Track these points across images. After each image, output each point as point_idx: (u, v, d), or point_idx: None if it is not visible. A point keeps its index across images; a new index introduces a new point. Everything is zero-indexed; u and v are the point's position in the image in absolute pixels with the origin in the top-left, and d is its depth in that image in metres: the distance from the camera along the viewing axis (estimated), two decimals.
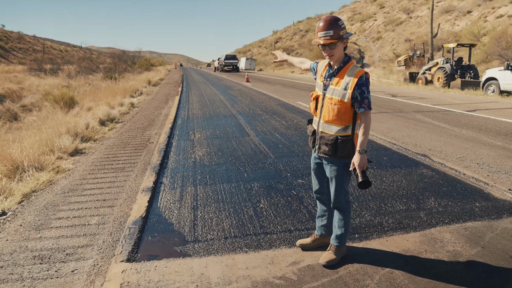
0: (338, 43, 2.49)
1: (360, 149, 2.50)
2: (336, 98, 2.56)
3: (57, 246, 3.13)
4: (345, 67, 2.58)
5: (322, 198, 2.96)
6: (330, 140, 2.61)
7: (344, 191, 2.73)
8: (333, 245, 2.85)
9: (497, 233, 3.36)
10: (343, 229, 2.80)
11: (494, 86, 15.91)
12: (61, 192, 4.40)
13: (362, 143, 2.51)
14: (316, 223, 3.08)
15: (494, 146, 6.51)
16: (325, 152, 2.66)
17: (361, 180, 2.47)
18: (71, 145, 6.31)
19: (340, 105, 2.54)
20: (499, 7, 38.82)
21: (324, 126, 2.67)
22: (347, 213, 2.80)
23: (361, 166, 2.51)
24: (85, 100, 12.44)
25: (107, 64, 35.03)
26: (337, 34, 2.46)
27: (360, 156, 2.51)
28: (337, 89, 2.56)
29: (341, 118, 2.57)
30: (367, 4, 78.87)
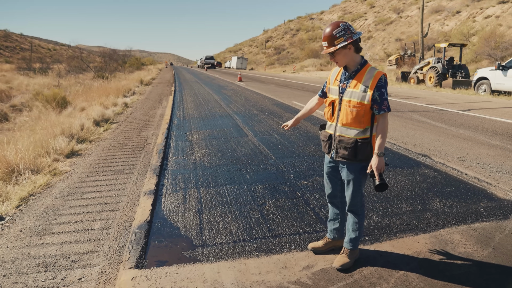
0: (339, 50, 2.49)
1: (379, 151, 2.48)
2: (355, 101, 2.53)
3: (61, 252, 3.03)
4: (363, 70, 2.57)
5: (335, 201, 2.92)
6: (349, 144, 2.57)
7: (360, 194, 2.71)
8: (347, 248, 2.82)
9: (506, 234, 3.35)
10: (357, 232, 2.77)
11: (486, 86, 16.08)
12: (60, 196, 4.29)
13: (381, 146, 2.49)
14: (328, 226, 3.03)
15: (492, 145, 6.54)
16: (344, 156, 2.61)
17: (379, 183, 2.45)
18: (67, 146, 6.18)
19: (360, 107, 2.52)
20: (486, 8, 39.34)
21: (342, 129, 2.63)
22: (361, 216, 2.77)
23: (379, 168, 2.48)
24: (77, 100, 12.24)
25: (97, 63, 34.61)
26: (332, 44, 2.48)
27: (378, 158, 2.48)
28: (355, 92, 2.53)
29: (360, 120, 2.54)
30: (357, 4, 79.31)
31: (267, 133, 7.73)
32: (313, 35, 71.19)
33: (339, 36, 2.46)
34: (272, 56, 76.03)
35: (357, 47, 2.54)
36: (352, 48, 2.52)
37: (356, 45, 2.53)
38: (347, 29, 2.47)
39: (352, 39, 2.46)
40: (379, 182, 2.45)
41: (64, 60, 41.35)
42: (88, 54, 58.04)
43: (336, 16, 78.96)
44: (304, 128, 8.18)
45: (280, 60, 68.93)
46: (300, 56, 62.17)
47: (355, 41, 2.50)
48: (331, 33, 2.46)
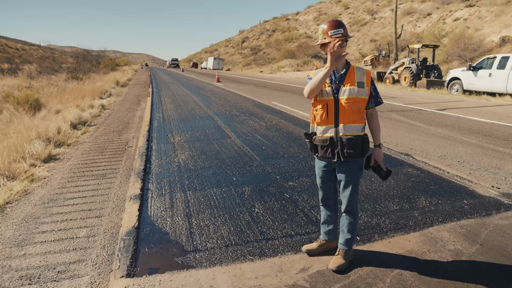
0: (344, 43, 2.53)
1: (379, 143, 2.73)
2: (355, 97, 2.58)
3: (45, 263, 2.89)
4: (351, 68, 2.64)
5: (329, 204, 2.91)
6: (358, 141, 2.61)
7: (357, 193, 2.75)
8: (342, 249, 2.82)
9: (491, 230, 3.44)
10: (352, 233, 2.79)
11: (458, 86, 16.59)
12: (40, 203, 4.11)
13: (380, 138, 2.75)
14: (322, 228, 3.02)
15: (469, 144, 6.74)
16: (352, 155, 2.60)
17: (387, 171, 2.70)
18: (44, 151, 5.95)
19: (361, 102, 2.60)
20: (455, 11, 40.69)
21: (348, 128, 2.60)
22: (357, 216, 2.81)
23: (382, 158, 2.73)
24: (52, 102, 11.83)
25: (70, 63, 33.64)
26: (346, 32, 2.55)
27: (380, 150, 2.73)
28: (353, 89, 2.58)
29: (361, 116, 2.64)
30: (332, 5, 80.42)
31: (249, 134, 7.69)
32: (289, 35, 71.69)
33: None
34: (248, 57, 76.05)
35: None
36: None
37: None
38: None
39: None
40: (387, 170, 2.70)
41: (35, 61, 40.01)
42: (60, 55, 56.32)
43: (312, 17, 79.84)
44: (286, 129, 8.19)
45: (256, 61, 69.04)
46: (277, 56, 62.46)
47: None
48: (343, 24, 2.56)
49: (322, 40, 2.57)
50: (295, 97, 15.19)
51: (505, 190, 4.48)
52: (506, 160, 5.69)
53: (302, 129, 8.17)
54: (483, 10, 36.62)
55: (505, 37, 28.00)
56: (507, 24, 30.31)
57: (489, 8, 36.00)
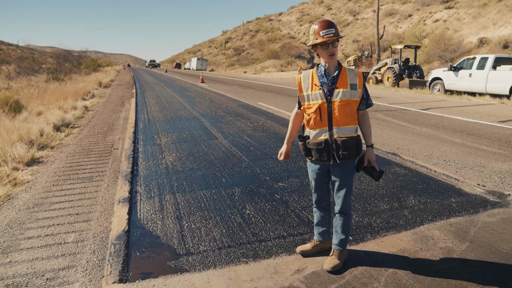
0: (337, 43, 2.56)
1: (371, 143, 2.74)
2: (348, 99, 2.57)
3: (33, 270, 2.80)
4: (343, 70, 2.63)
5: (323, 205, 2.91)
6: (353, 143, 2.61)
7: (351, 194, 2.77)
8: (336, 250, 2.82)
9: (479, 227, 3.50)
10: (346, 234, 2.80)
11: (440, 86, 16.92)
12: (24, 208, 3.99)
13: (371, 138, 2.76)
14: (315, 229, 3.01)
15: (454, 143, 6.87)
16: (347, 156, 2.61)
17: (379, 171, 2.71)
18: (27, 154, 5.78)
19: (353, 104, 2.61)
20: (435, 12, 41.53)
21: (342, 130, 2.60)
22: (350, 216, 2.82)
23: (374, 158, 2.72)
24: (33, 104, 11.54)
25: (50, 64, 32.91)
26: (338, 32, 2.54)
27: (372, 151, 2.74)
28: (346, 91, 2.57)
29: (354, 117, 2.64)
30: (314, 6, 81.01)
31: (237, 135, 7.65)
32: (272, 36, 71.87)
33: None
34: (232, 57, 75.92)
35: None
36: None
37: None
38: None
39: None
40: (379, 170, 2.71)
41: (13, 61, 38.99)
42: (39, 55, 55.02)
43: (295, 18, 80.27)
44: (273, 130, 8.19)
45: (240, 61, 68.98)
46: (260, 57, 62.52)
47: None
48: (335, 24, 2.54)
49: (313, 41, 2.55)
50: (280, 98, 15.22)
51: (490, 188, 4.57)
52: (490, 159, 5.82)
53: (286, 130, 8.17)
54: (461, 12, 37.49)
55: (482, 39, 28.72)
56: (484, 26, 31.10)
57: (467, 10, 36.88)
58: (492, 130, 8.08)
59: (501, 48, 25.86)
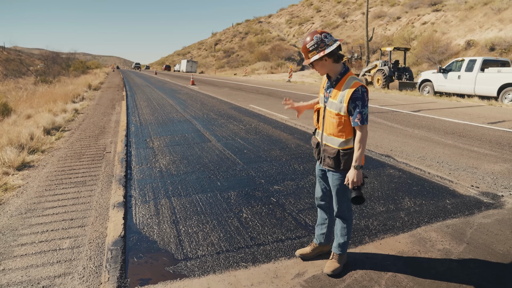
0: (315, 62, 2.49)
1: (356, 164, 2.45)
2: (333, 111, 2.53)
3: (27, 278, 2.74)
4: (343, 79, 2.53)
5: (322, 205, 2.91)
6: (332, 154, 2.59)
7: (346, 199, 2.69)
8: (336, 253, 2.81)
9: (475, 229, 3.54)
10: (345, 237, 2.77)
11: (429, 87, 17.14)
12: (17, 213, 3.91)
13: (357, 158, 2.45)
14: (316, 231, 3.01)
15: (446, 144, 6.94)
16: (329, 165, 2.64)
17: (354, 196, 2.44)
18: (17, 158, 5.67)
19: (338, 118, 2.51)
20: (423, 15, 42.10)
21: (327, 139, 2.64)
22: (349, 221, 2.78)
23: (355, 182, 2.45)
24: (21, 107, 11.36)
25: (38, 66, 32.46)
26: (307, 56, 2.50)
27: (355, 171, 2.44)
28: (334, 102, 2.53)
29: (341, 130, 2.54)
30: (304, 8, 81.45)
31: (230, 137, 7.63)
32: (262, 38, 72.02)
33: (312, 49, 2.45)
34: (221, 59, 75.87)
35: (336, 57, 2.48)
36: (328, 60, 2.47)
37: (334, 56, 2.46)
38: (320, 42, 2.42)
39: (324, 52, 2.41)
40: (354, 195, 2.44)
41: (0, 63, 38.36)
42: (27, 57, 54.20)
43: (284, 20, 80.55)
44: (266, 132, 8.18)
45: (230, 63, 68.97)
46: (250, 59, 62.60)
47: (331, 53, 2.43)
48: (305, 46, 2.47)
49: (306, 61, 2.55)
50: (272, 100, 15.24)
51: (484, 189, 4.62)
52: (482, 160, 5.89)
53: (281, 132, 8.19)
54: (448, 14, 38.05)
55: (470, 41, 29.17)
56: (471, 29, 31.60)
57: (454, 13, 37.44)
58: (483, 131, 8.19)
59: (487, 50, 26.30)
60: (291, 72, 33.81)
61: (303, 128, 8.61)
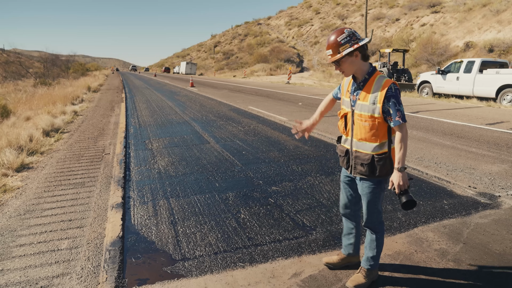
0: (343, 59, 2.33)
1: (399, 166, 2.28)
2: (366, 114, 2.36)
3: (26, 278, 2.75)
4: (371, 79, 2.38)
5: (349, 214, 2.75)
6: (366, 160, 2.39)
7: (377, 210, 2.52)
8: (364, 267, 2.63)
9: (472, 229, 3.56)
10: (375, 251, 2.58)
11: (428, 89, 17.18)
12: (16, 215, 3.92)
13: (401, 160, 2.28)
14: (343, 241, 2.85)
15: (444, 145, 6.96)
16: (362, 173, 2.44)
17: (405, 201, 2.27)
18: (16, 159, 5.68)
19: (372, 121, 2.34)
20: (422, 16, 42.21)
21: (358, 144, 2.46)
22: (380, 233, 2.58)
23: (401, 185, 2.29)
24: (21, 109, 11.38)
25: (37, 69, 32.53)
26: (336, 51, 2.32)
27: (399, 174, 2.28)
28: (365, 104, 2.36)
29: (374, 134, 2.36)
30: (303, 10, 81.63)
31: (228, 139, 7.65)
32: (261, 40, 72.15)
33: (344, 42, 2.29)
34: (221, 61, 76.00)
35: (364, 54, 2.36)
36: (359, 56, 2.34)
37: (363, 52, 2.35)
38: (352, 35, 2.31)
39: (358, 44, 2.29)
40: (405, 200, 2.27)
41: None
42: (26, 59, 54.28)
43: (283, 22, 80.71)
44: (264, 134, 8.21)
45: (229, 65, 69.08)
46: (249, 61, 62.71)
47: (362, 48, 2.33)
48: (336, 40, 2.31)
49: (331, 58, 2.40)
50: (271, 101, 15.27)
51: (481, 189, 4.64)
52: (479, 161, 5.91)
53: (280, 133, 8.21)
54: (447, 16, 38.16)
55: (468, 42, 29.25)
56: (470, 30, 31.69)
57: (453, 14, 37.55)
58: (481, 132, 8.22)
59: (486, 52, 26.36)
60: (290, 73, 33.87)
61: None
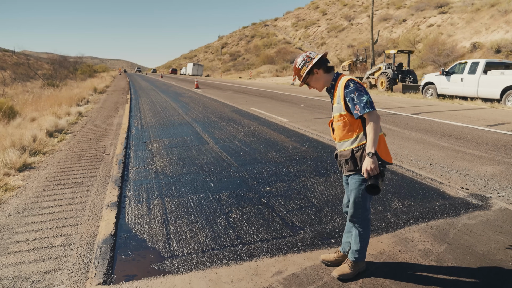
0: (309, 78, 2.70)
1: (368, 151, 2.42)
2: (336, 114, 2.64)
3: (19, 273, 2.86)
4: (336, 84, 2.67)
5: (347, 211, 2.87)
6: (347, 155, 2.60)
7: (361, 206, 2.65)
8: (350, 259, 2.78)
9: (459, 230, 3.60)
10: (359, 245, 2.72)
11: (432, 90, 17.10)
12: (14, 213, 4.05)
13: (370, 145, 2.42)
14: (343, 238, 2.97)
15: (442, 147, 6.98)
16: (349, 169, 2.61)
17: (369, 184, 2.40)
18: (19, 159, 5.84)
19: (342, 119, 2.60)
20: (429, 17, 41.93)
21: (339, 145, 2.71)
22: (364, 230, 2.71)
23: (371, 169, 2.40)
24: (27, 110, 11.60)
25: (46, 70, 32.99)
26: (299, 75, 2.72)
27: (368, 159, 2.41)
28: (335, 106, 2.65)
29: (349, 130, 2.59)
30: (310, 11, 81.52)
31: (228, 140, 7.74)
32: (268, 41, 72.27)
33: (301, 66, 2.68)
34: (227, 63, 76.24)
35: (326, 68, 2.66)
36: (320, 71, 2.66)
37: (323, 67, 2.65)
38: (306, 58, 2.66)
39: (311, 63, 2.62)
40: (369, 183, 2.40)
41: (9, 67, 39.02)
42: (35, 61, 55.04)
43: (290, 23, 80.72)
44: (264, 135, 8.28)
45: (236, 67, 69.28)
46: (256, 62, 62.83)
47: (319, 64, 2.63)
48: (295, 67, 2.71)
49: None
50: (274, 103, 15.34)
51: (473, 191, 4.67)
52: (475, 162, 5.93)
53: (279, 135, 8.28)
54: (455, 17, 37.89)
55: (475, 43, 29.02)
56: (477, 31, 31.44)
57: (460, 15, 37.27)
58: (481, 134, 8.20)
59: (493, 53, 26.15)
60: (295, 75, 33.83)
61: (301, 131, 8.69)
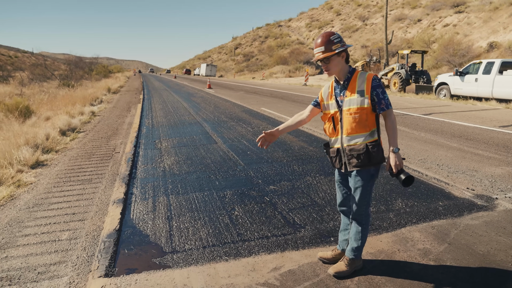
0: (332, 57, 2.54)
1: (393, 148, 2.50)
2: (354, 107, 2.54)
3: (26, 265, 2.98)
4: (353, 76, 2.61)
5: (346, 211, 2.90)
6: (361, 150, 2.55)
7: (366, 202, 2.67)
8: (348, 257, 2.79)
9: (460, 230, 3.58)
10: (359, 242, 2.74)
11: (446, 91, 16.87)
12: (25, 208, 4.19)
13: (393, 142, 2.52)
14: (339, 237, 3.00)
15: (450, 147, 6.91)
16: (357, 165, 2.58)
17: (405, 177, 2.43)
18: (32, 157, 6.02)
19: (361, 112, 2.52)
20: (445, 17, 41.31)
21: (349, 139, 2.61)
22: (365, 226, 2.74)
23: (398, 165, 2.48)
24: (42, 109, 11.90)
25: (62, 71, 33.68)
26: (329, 49, 2.51)
27: (394, 155, 2.49)
28: (353, 98, 2.55)
29: (364, 125, 2.55)
30: (324, 11, 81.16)
31: (236, 139, 7.81)
32: (282, 42, 72.21)
33: (336, 41, 2.51)
34: (241, 63, 76.44)
35: (347, 57, 2.61)
36: (344, 57, 2.58)
37: (347, 56, 2.60)
38: (341, 38, 2.56)
39: (346, 46, 2.54)
40: (404, 177, 2.43)
41: (27, 68, 39.96)
42: (52, 62, 56.25)
43: (304, 24, 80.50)
44: None
45: (249, 67, 69.42)
46: (269, 63, 62.83)
47: (347, 51, 2.59)
48: (328, 38, 2.51)
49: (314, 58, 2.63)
50: (284, 103, 15.37)
51: (479, 191, 4.63)
52: (484, 163, 5.86)
53: (287, 134, 8.31)
54: (472, 16, 37.25)
55: (492, 43, 28.50)
56: (495, 30, 30.86)
57: (477, 14, 36.63)
58: (492, 135, 8.09)
59: (511, 52, 25.63)
60: (307, 75, 33.80)
61: (309, 131, 8.71)
